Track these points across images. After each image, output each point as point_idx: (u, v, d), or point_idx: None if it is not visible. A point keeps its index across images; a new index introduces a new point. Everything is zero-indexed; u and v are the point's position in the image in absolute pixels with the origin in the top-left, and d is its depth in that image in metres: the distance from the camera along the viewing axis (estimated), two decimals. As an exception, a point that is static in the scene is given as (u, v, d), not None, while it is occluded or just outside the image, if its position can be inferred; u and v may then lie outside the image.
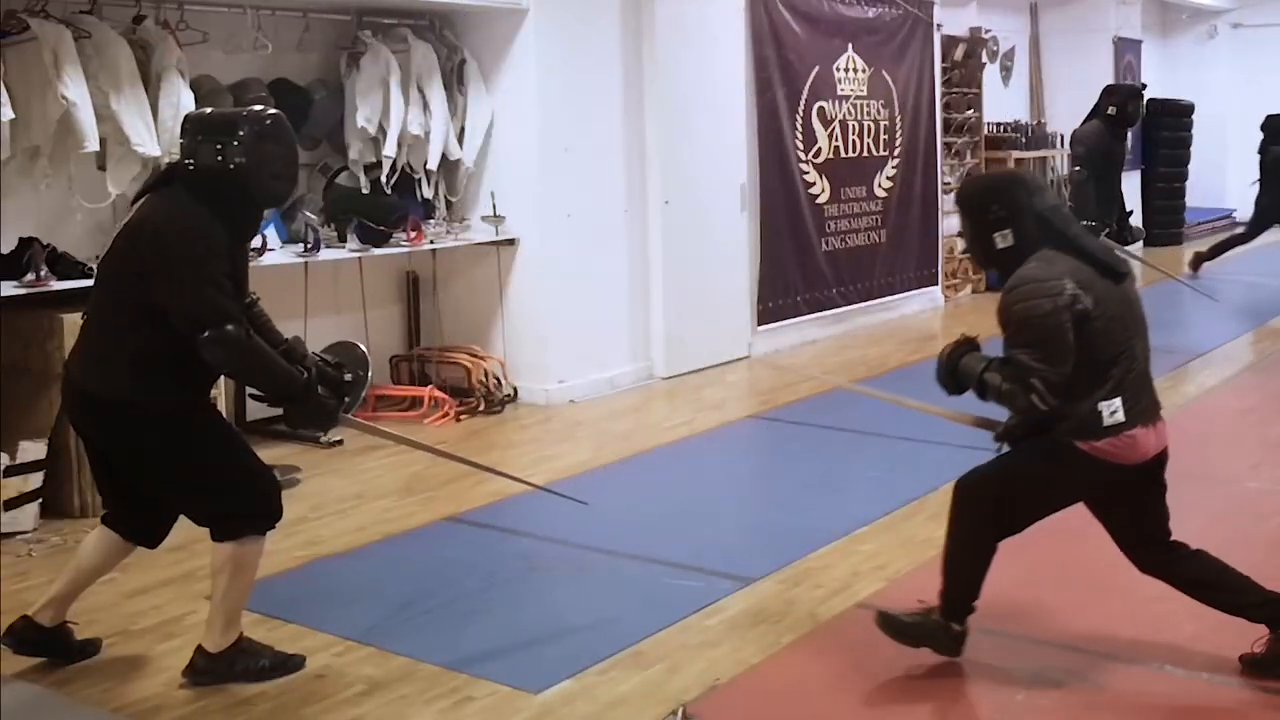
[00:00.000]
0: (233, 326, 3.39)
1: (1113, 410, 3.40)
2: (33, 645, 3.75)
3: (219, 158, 3.46)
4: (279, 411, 3.82)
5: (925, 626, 3.67)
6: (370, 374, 3.74)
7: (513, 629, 4.03)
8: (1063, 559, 4.66)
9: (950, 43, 10.97)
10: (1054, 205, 3.51)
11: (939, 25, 10.55)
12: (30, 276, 5.22)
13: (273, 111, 3.68)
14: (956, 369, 3.59)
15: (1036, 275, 3.36)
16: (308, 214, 6.47)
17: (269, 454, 6.14)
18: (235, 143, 3.46)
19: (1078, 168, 8.24)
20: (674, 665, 3.75)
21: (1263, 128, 12.35)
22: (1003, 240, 3.44)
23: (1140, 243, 9.63)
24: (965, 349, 3.59)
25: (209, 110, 4.27)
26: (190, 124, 3.58)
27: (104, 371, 3.52)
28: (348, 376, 3.84)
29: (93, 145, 5.33)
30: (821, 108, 9.20)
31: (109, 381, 3.50)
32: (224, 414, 3.95)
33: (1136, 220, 14.67)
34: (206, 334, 3.37)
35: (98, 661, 3.83)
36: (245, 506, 3.59)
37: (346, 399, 3.85)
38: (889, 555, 4.66)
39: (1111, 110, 8.28)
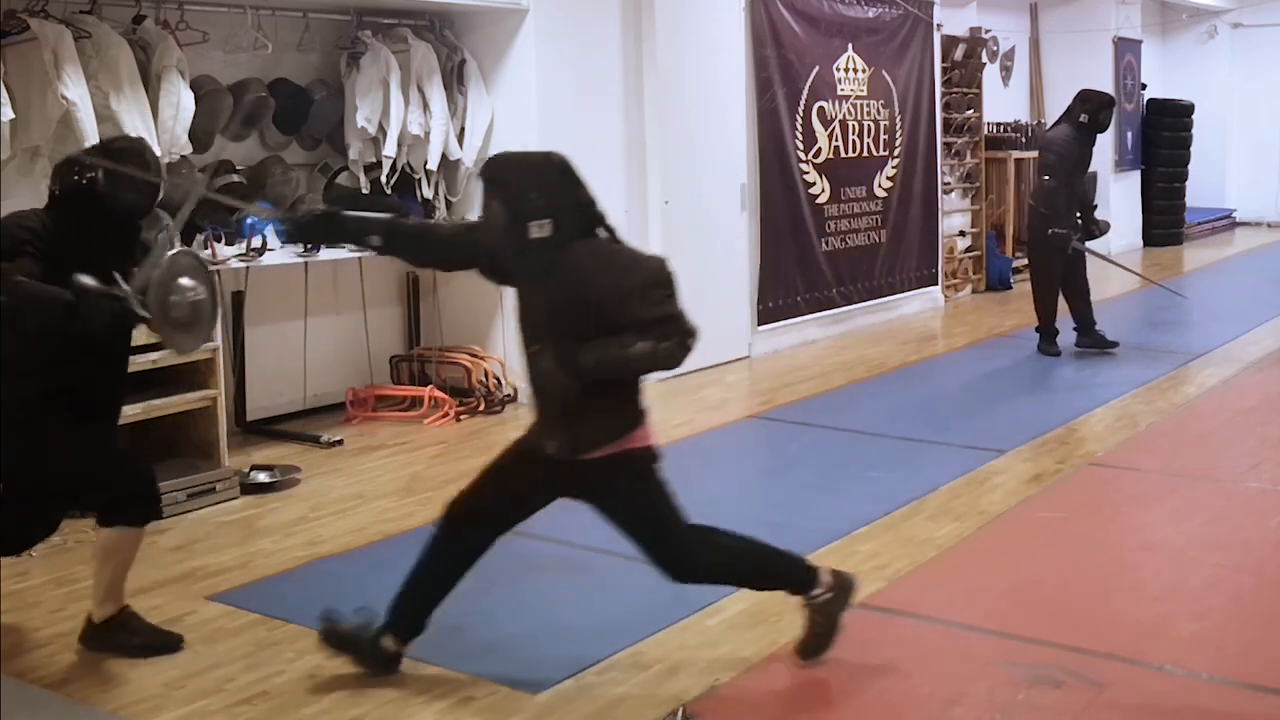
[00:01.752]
0: None
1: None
2: None
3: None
4: (279, 412, 3.87)
5: (361, 642, 3.66)
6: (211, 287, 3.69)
7: (513, 629, 4.03)
8: (1063, 559, 4.66)
9: (950, 43, 10.97)
10: (592, 197, 3.44)
11: (939, 25, 10.56)
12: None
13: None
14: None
15: (621, 248, 3.40)
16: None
17: (269, 454, 6.16)
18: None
19: (1046, 177, 8.21)
20: (674, 665, 3.75)
21: None
22: (539, 229, 3.31)
23: (1107, 236, 9.64)
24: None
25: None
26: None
27: None
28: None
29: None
30: (822, 108, 9.21)
31: None
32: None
33: (1135, 220, 14.78)
34: None
35: (98, 661, 3.83)
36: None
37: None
38: (889, 555, 4.66)
39: (1084, 118, 8.20)
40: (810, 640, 3.68)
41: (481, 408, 7.05)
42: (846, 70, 9.47)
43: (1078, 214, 8.35)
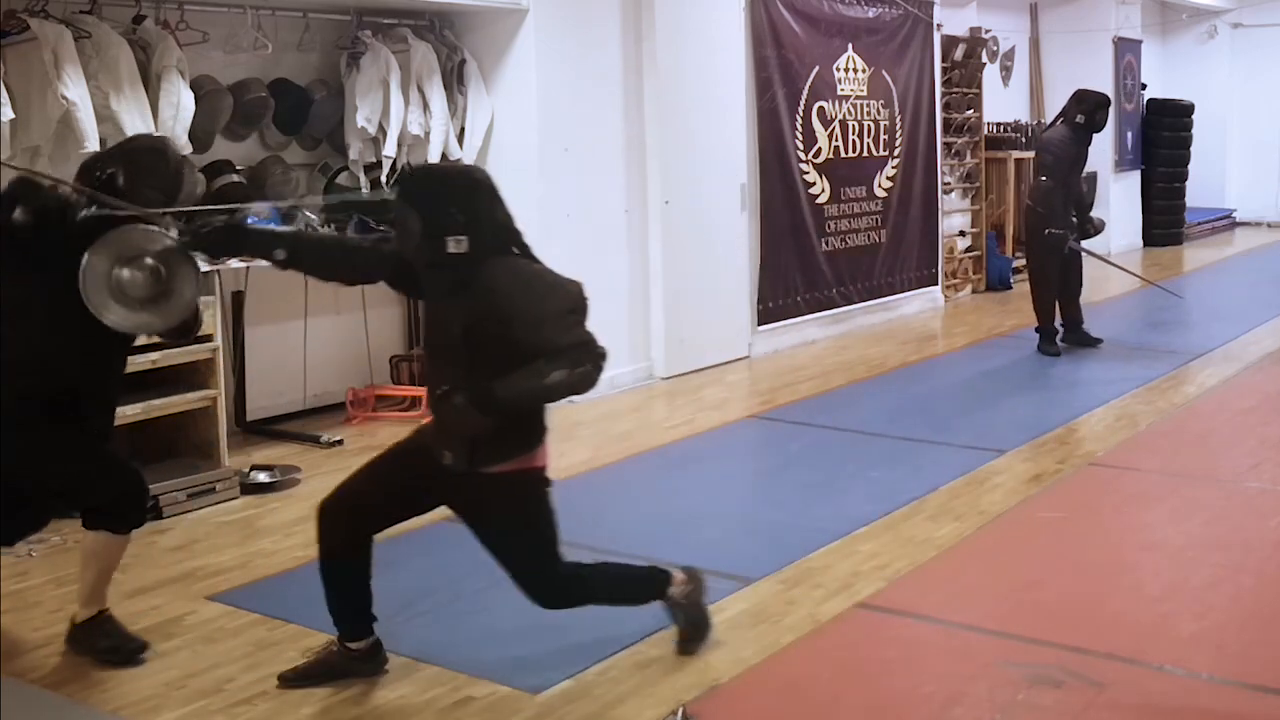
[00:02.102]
0: None
1: None
2: None
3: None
4: (279, 412, 3.88)
5: (330, 662, 3.65)
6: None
7: (513, 629, 4.02)
8: (1063, 559, 4.66)
9: (950, 43, 10.96)
10: (510, 215, 3.43)
11: (939, 25, 10.55)
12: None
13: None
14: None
15: (541, 269, 3.39)
16: (308, 214, 6.47)
17: (269, 454, 6.17)
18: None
19: (1043, 177, 8.27)
20: (674, 665, 3.75)
21: None
22: (456, 245, 3.29)
23: (1107, 236, 9.73)
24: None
25: None
26: None
27: None
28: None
29: (93, 145, 5.32)
30: (822, 108, 9.20)
31: None
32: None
33: (1135, 220, 14.78)
34: None
35: (97, 661, 3.82)
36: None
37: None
38: (889, 555, 4.66)
39: (1080, 118, 8.28)
40: (690, 632, 3.81)
41: (481, 408, 7.03)
42: (846, 70, 9.47)
43: (1073, 214, 8.44)
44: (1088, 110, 8.27)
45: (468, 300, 3.32)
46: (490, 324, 3.30)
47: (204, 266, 5.75)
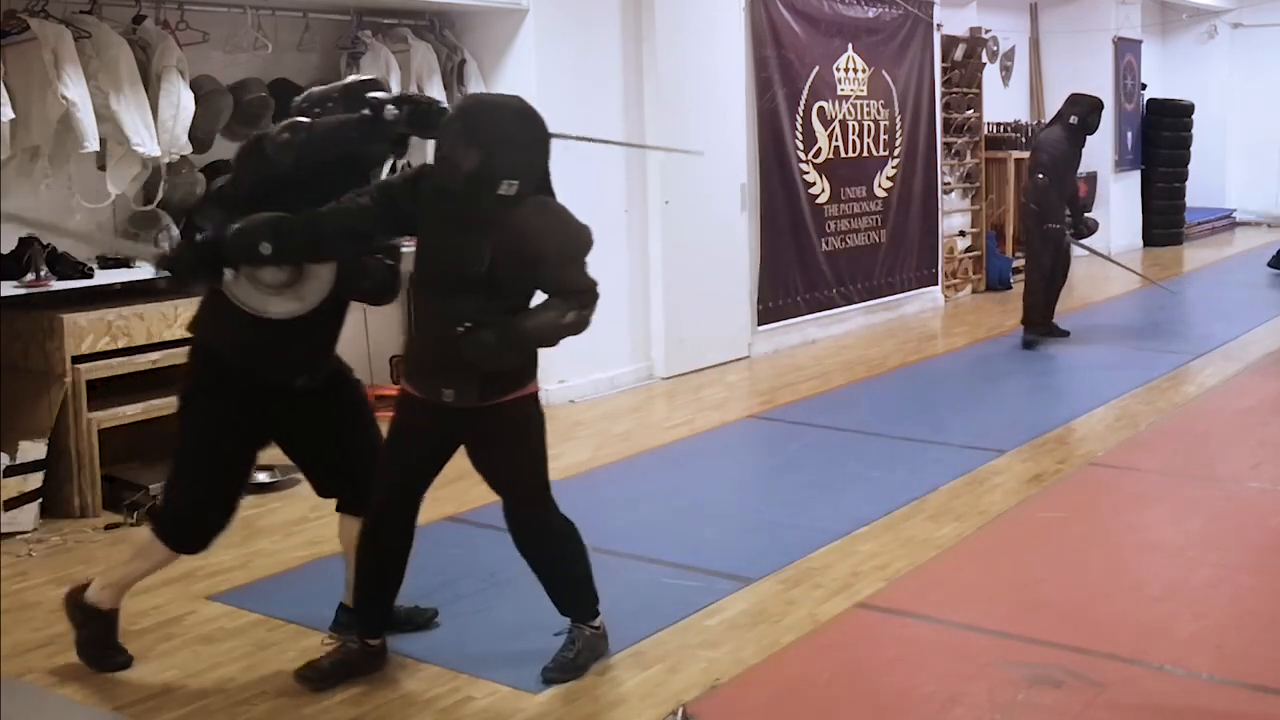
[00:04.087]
0: None
1: None
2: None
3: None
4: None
5: (350, 660, 3.65)
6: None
7: (513, 629, 4.03)
8: (1063, 559, 4.67)
9: (950, 43, 10.96)
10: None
11: (939, 25, 10.55)
12: (30, 276, 5.22)
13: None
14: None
15: (567, 211, 3.45)
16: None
17: (269, 454, 6.12)
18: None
19: (1040, 175, 8.54)
20: (674, 665, 3.75)
21: None
22: (507, 188, 3.30)
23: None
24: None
25: None
26: None
27: None
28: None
29: (93, 145, 5.33)
30: (821, 108, 9.20)
31: None
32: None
33: (1135, 220, 14.77)
34: None
35: (98, 661, 3.83)
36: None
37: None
38: (889, 555, 4.66)
39: (1074, 120, 8.63)
40: (569, 661, 3.67)
41: (481, 408, 7.03)
42: (846, 70, 9.47)
43: (1068, 212, 8.69)
44: (1081, 113, 8.61)
45: (496, 236, 3.33)
46: (515, 261, 3.33)
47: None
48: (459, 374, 3.40)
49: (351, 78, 3.86)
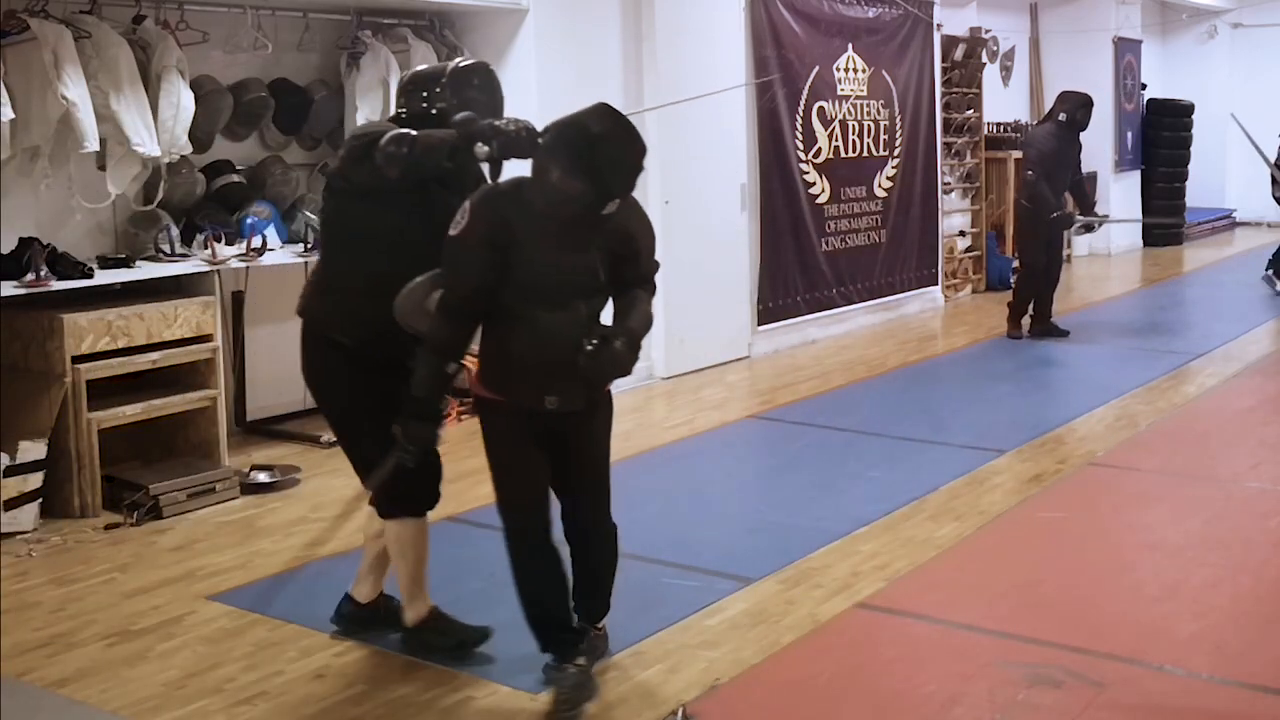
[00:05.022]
0: None
1: None
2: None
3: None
4: (279, 411, 3.86)
5: (581, 682, 3.52)
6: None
7: (513, 629, 4.02)
8: (1063, 559, 4.67)
9: (950, 43, 10.96)
10: None
11: (939, 25, 10.55)
12: (30, 276, 5.22)
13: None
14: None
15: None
16: (308, 214, 6.47)
17: (268, 454, 6.17)
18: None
19: (1029, 171, 8.83)
20: (674, 665, 3.75)
21: None
22: (611, 207, 3.31)
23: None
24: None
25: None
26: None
27: None
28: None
29: (93, 145, 5.33)
30: (821, 108, 9.20)
31: None
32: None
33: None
34: None
35: (98, 661, 3.83)
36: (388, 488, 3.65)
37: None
38: (889, 555, 4.66)
39: (1062, 116, 8.85)
40: (566, 699, 3.48)
41: (481, 408, 7.03)
42: (846, 70, 9.47)
43: (1071, 203, 8.99)
44: (1069, 109, 8.83)
45: (604, 246, 3.37)
46: (613, 260, 3.39)
47: (205, 267, 5.81)
48: (565, 381, 3.36)
49: (456, 61, 3.82)
